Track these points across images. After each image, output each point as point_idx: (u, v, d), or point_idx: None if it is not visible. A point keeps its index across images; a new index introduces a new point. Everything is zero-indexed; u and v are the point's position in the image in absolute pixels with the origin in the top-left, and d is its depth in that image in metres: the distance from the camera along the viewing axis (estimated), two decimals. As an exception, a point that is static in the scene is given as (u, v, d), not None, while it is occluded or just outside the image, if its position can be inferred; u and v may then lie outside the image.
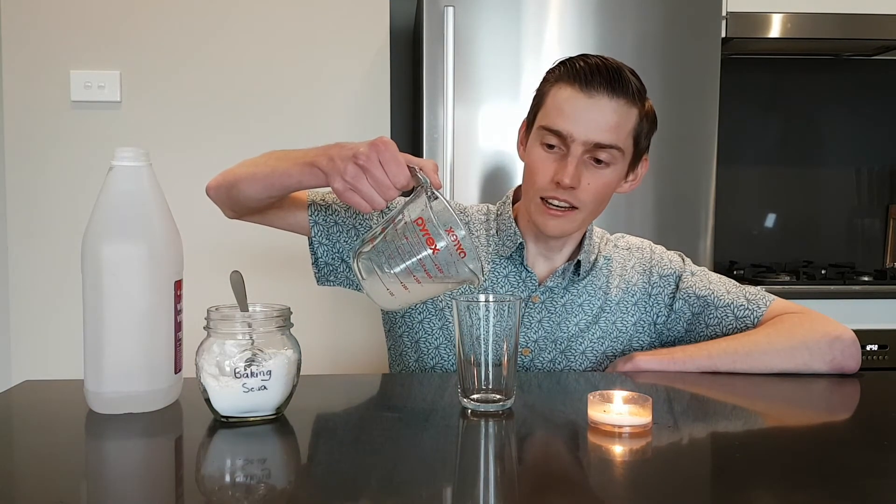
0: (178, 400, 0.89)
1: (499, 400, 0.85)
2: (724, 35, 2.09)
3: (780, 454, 0.74)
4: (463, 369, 0.86)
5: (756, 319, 1.15)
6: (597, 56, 1.09)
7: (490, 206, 1.27)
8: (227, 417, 0.81)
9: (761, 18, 2.18)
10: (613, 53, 1.97)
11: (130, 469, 0.72)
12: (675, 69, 2.00)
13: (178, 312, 0.88)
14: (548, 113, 1.09)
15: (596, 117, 1.06)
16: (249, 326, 0.81)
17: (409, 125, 2.48)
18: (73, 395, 0.89)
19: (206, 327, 0.82)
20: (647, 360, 1.06)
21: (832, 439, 0.79)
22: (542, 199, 1.10)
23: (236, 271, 0.87)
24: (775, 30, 2.19)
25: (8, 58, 2.13)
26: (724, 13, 2.12)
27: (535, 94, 1.15)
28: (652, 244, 1.27)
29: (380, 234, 0.88)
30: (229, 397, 0.79)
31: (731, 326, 1.15)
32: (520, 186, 1.21)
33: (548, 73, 1.13)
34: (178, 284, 0.88)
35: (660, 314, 1.21)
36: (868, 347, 2.05)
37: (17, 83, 2.13)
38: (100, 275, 0.83)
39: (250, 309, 0.86)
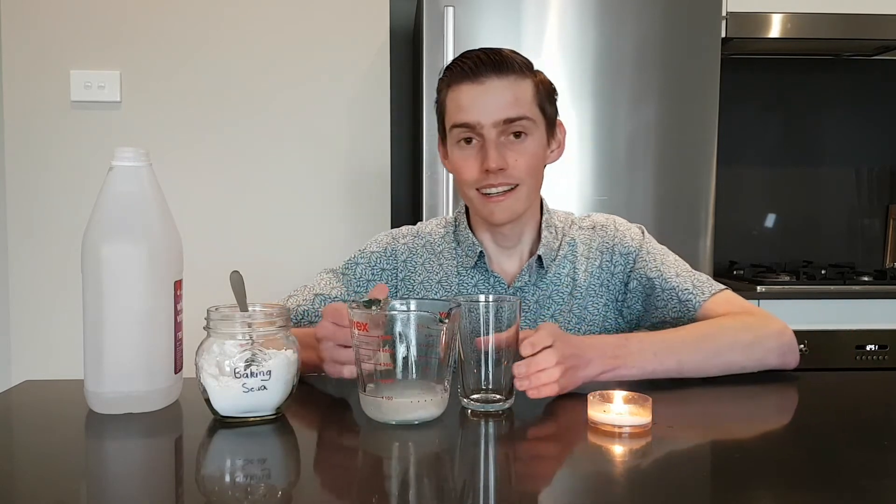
0: (178, 400, 0.89)
1: (499, 400, 0.85)
2: (724, 35, 2.09)
3: (779, 454, 0.74)
4: (463, 369, 0.86)
5: (698, 305, 1.13)
6: (475, 50, 1.14)
7: (449, 217, 1.30)
8: (227, 417, 0.81)
9: (761, 18, 2.18)
10: (613, 53, 1.99)
11: (130, 469, 0.72)
12: (675, 69, 2.00)
13: (178, 312, 0.88)
14: (452, 114, 1.14)
15: (494, 99, 1.10)
16: (249, 326, 0.81)
17: (409, 125, 2.48)
18: (73, 395, 0.89)
19: (206, 327, 0.82)
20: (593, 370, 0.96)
21: (832, 439, 0.79)
22: (478, 191, 1.13)
23: (236, 271, 0.87)
24: (775, 30, 2.19)
25: (8, 58, 2.13)
26: (724, 13, 2.12)
27: (436, 108, 1.19)
28: (616, 221, 1.25)
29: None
30: (229, 397, 0.79)
31: (675, 310, 1.15)
32: None
33: (438, 82, 1.17)
34: (178, 284, 0.88)
35: (620, 292, 1.21)
36: (868, 347, 2.05)
37: (17, 83, 2.13)
38: (100, 275, 0.83)
39: (250, 309, 0.86)
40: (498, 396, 0.85)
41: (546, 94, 1.16)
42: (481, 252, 1.19)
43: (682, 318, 1.15)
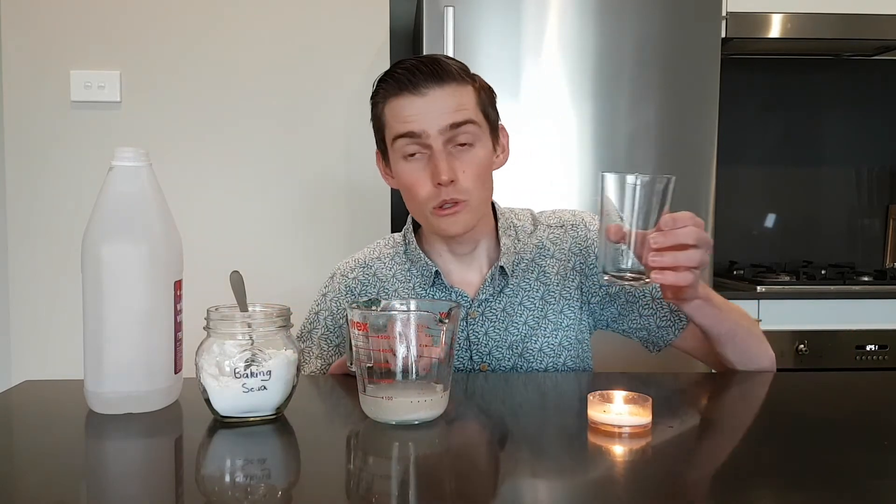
0: (178, 400, 0.89)
1: (637, 277, 0.86)
2: (724, 35, 2.09)
3: (779, 454, 0.74)
4: (605, 248, 0.87)
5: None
6: (409, 58, 1.09)
7: (396, 236, 1.24)
8: (227, 417, 0.81)
9: (761, 18, 2.18)
10: (613, 53, 1.99)
11: (130, 469, 0.72)
12: (675, 69, 2.00)
13: (178, 312, 0.88)
14: (393, 127, 1.08)
15: (437, 107, 1.05)
16: (249, 326, 0.81)
17: (409, 125, 2.48)
18: (73, 395, 0.89)
19: (206, 327, 0.82)
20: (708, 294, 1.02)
21: (832, 439, 0.79)
22: (434, 207, 1.08)
23: (236, 271, 0.87)
24: (775, 30, 2.19)
25: (8, 58, 2.13)
26: (724, 13, 2.12)
27: (372, 122, 1.14)
28: (586, 219, 1.21)
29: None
30: (229, 397, 0.79)
31: (664, 318, 1.14)
32: None
33: (373, 97, 1.12)
34: (177, 284, 0.88)
35: (594, 294, 1.17)
36: (868, 347, 2.05)
37: (17, 83, 2.14)
38: (100, 275, 0.83)
39: (250, 309, 0.86)
40: (635, 275, 0.86)
41: (488, 98, 1.11)
42: (437, 271, 1.14)
43: (672, 326, 1.14)
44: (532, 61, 1.97)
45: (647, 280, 0.87)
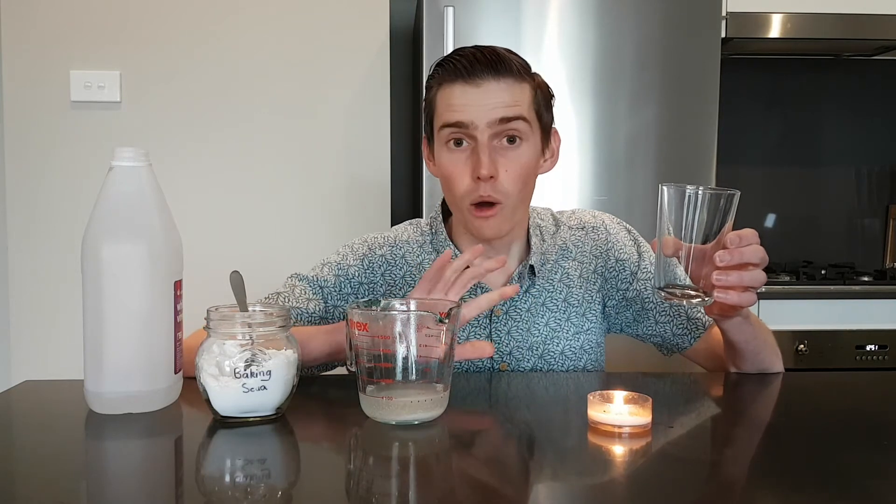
0: (178, 400, 0.89)
1: (696, 296, 0.84)
2: (724, 35, 2.09)
3: (779, 454, 0.74)
4: (662, 261, 0.84)
5: (708, 323, 1.13)
6: (470, 47, 1.06)
7: (422, 223, 1.21)
8: (227, 417, 0.81)
9: (761, 18, 2.18)
10: (613, 53, 1.99)
11: (130, 469, 0.72)
12: (675, 69, 2.00)
13: (177, 312, 0.88)
14: (442, 114, 1.06)
15: (490, 100, 1.03)
16: (249, 326, 0.81)
17: (409, 126, 2.48)
18: (73, 395, 0.89)
19: (206, 327, 0.82)
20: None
21: (832, 439, 0.79)
22: (471, 205, 1.05)
23: (236, 271, 0.87)
24: (775, 30, 2.19)
25: (8, 58, 2.13)
26: (724, 13, 2.12)
27: (424, 106, 1.12)
28: (605, 221, 1.20)
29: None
30: (229, 397, 0.79)
31: (681, 326, 1.14)
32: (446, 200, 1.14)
33: (428, 80, 1.09)
34: (177, 284, 0.88)
35: (611, 297, 1.16)
36: (868, 347, 2.05)
37: (17, 83, 2.13)
38: (100, 275, 0.83)
39: (250, 309, 0.86)
40: (695, 293, 0.84)
41: (543, 99, 1.09)
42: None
43: (687, 335, 1.14)
44: (532, 61, 1.95)
45: (708, 299, 0.85)
